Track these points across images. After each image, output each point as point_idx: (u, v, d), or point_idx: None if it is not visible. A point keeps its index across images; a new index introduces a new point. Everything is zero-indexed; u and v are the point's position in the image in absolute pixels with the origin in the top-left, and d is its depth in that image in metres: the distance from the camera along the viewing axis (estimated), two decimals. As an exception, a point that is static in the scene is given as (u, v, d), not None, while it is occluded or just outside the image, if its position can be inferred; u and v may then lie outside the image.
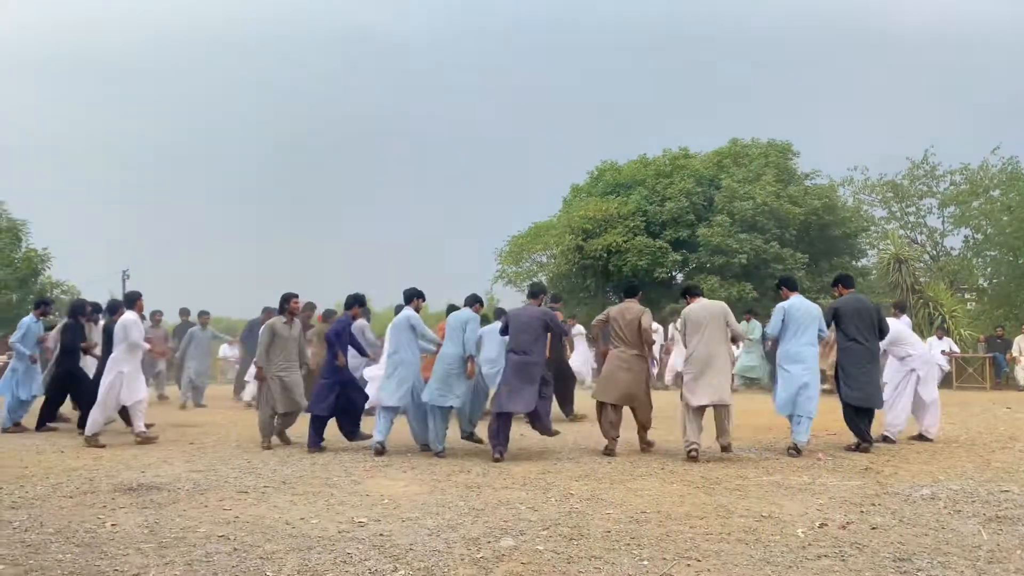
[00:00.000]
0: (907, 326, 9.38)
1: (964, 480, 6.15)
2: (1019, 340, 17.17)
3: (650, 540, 4.40)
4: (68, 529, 4.72)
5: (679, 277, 21.98)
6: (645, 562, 3.99)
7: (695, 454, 7.23)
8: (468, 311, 8.09)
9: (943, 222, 26.00)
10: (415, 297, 8.50)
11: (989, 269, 24.71)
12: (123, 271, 37.74)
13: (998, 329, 18.67)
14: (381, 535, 4.56)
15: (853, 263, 22.20)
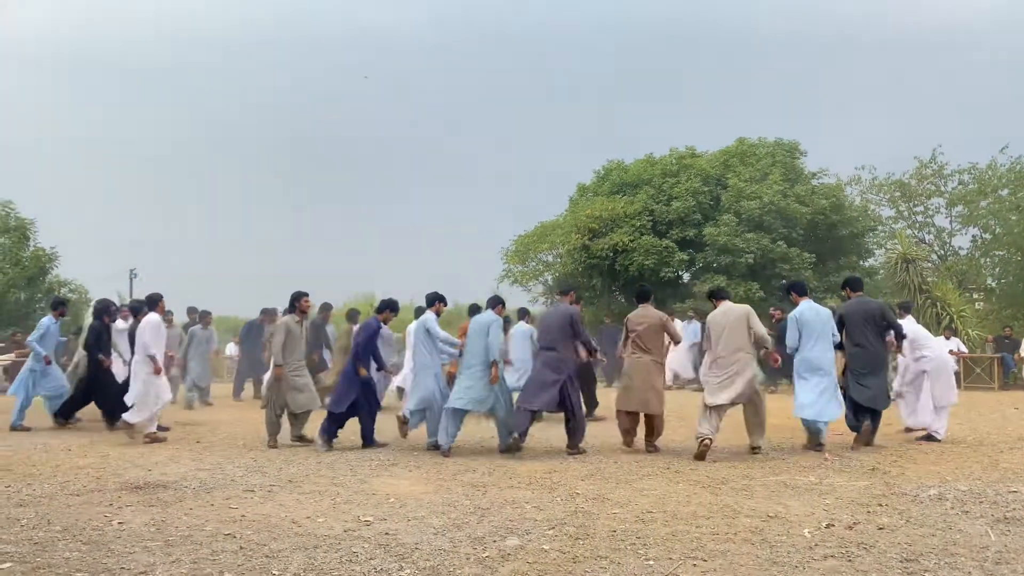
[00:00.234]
0: (908, 324, 9.38)
1: (972, 481, 6.13)
2: (1028, 340, 17.12)
3: (656, 540, 4.39)
4: (75, 527, 4.74)
5: (685, 277, 21.95)
6: (651, 562, 3.98)
7: (707, 445, 7.21)
8: (491, 314, 8.06)
9: (951, 221, 25.88)
10: (436, 301, 8.55)
11: (997, 269, 24.58)
12: (131, 270, 37.90)
13: (1006, 329, 18.59)
14: (387, 534, 4.56)
15: (860, 263, 22.12)
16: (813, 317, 7.89)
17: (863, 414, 7.89)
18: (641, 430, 7.93)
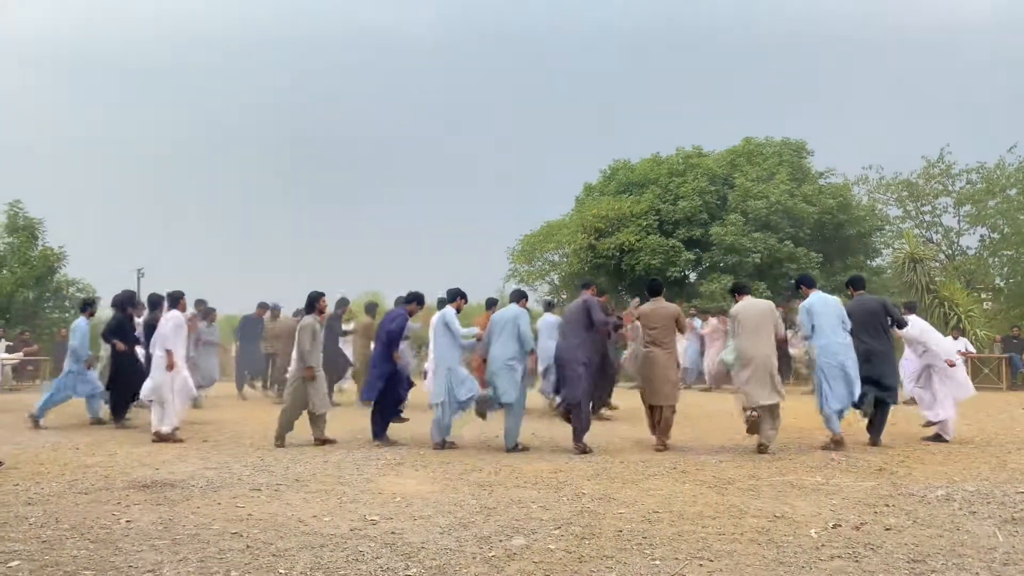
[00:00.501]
0: (913, 323, 9.41)
1: (979, 481, 6.10)
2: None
3: (662, 540, 4.39)
4: (83, 525, 4.76)
5: (692, 276, 21.91)
6: (657, 562, 3.98)
7: (755, 416, 7.58)
8: (515, 307, 8.28)
9: (959, 221, 25.76)
10: (457, 297, 8.67)
11: (1006, 268, 24.46)
12: (138, 269, 38.05)
13: (1014, 329, 18.49)
14: (393, 533, 4.57)
15: (868, 262, 22.04)
16: (823, 307, 8.03)
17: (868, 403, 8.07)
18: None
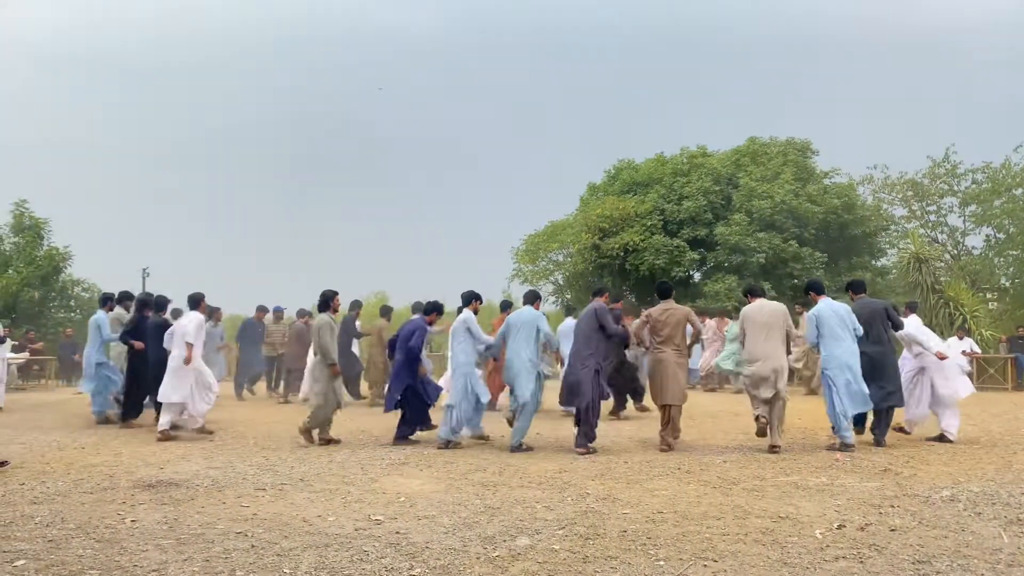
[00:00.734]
0: (911, 324, 9.42)
1: (985, 482, 6.09)
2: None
3: (666, 540, 4.38)
4: (88, 525, 4.77)
5: (696, 276, 21.90)
6: (661, 562, 3.97)
7: (764, 421, 7.75)
8: (532, 310, 8.36)
9: (964, 221, 25.70)
10: (473, 299, 8.76)
11: (1011, 269, 24.39)
12: (143, 269, 38.16)
13: (1020, 329, 18.44)
14: (397, 533, 4.57)
15: (873, 262, 22.01)
16: (830, 315, 8.04)
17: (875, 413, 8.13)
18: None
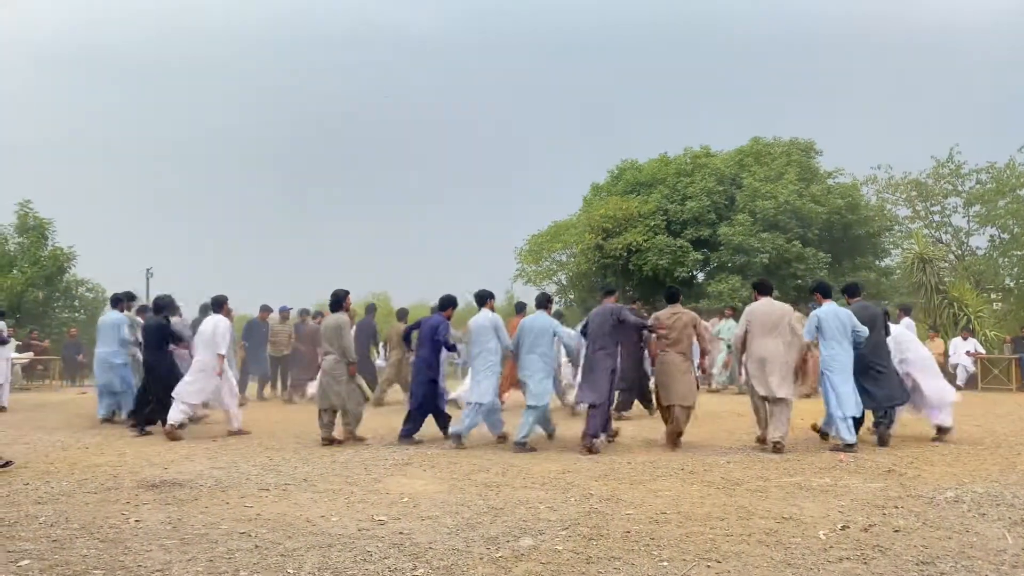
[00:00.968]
0: (910, 328, 9.48)
1: (989, 483, 6.07)
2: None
3: (670, 541, 4.38)
4: (92, 525, 4.78)
5: (700, 276, 21.89)
6: (665, 563, 3.97)
7: (762, 442, 7.98)
8: (544, 315, 8.48)
9: (968, 221, 25.66)
10: (490, 298, 8.86)
11: (1016, 269, 24.35)
12: (147, 269, 38.24)
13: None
14: (401, 533, 4.57)
15: (876, 263, 21.98)
16: (832, 319, 8.11)
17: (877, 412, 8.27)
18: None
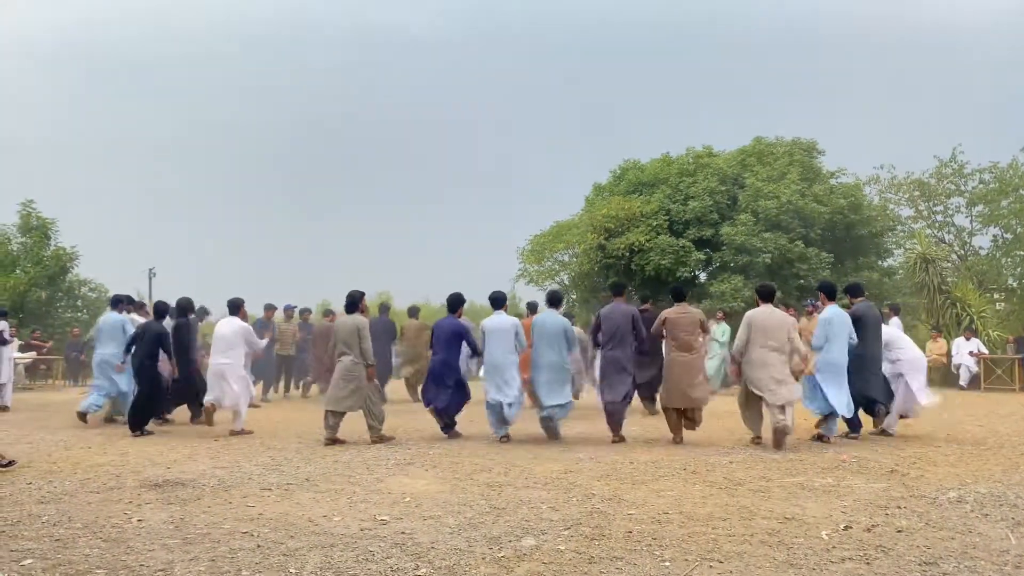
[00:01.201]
0: (898, 327, 9.59)
1: (992, 483, 6.07)
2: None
3: (672, 541, 4.38)
4: (95, 524, 4.79)
5: (702, 276, 21.86)
6: (667, 563, 3.97)
7: (759, 440, 8.13)
8: (556, 315, 8.81)
9: (971, 221, 25.58)
10: (505, 300, 9.13)
11: (1019, 269, 24.28)
12: (149, 269, 38.28)
13: (1027, 330, 18.40)
14: (403, 533, 4.58)
15: (879, 263, 21.93)
16: (839, 321, 8.33)
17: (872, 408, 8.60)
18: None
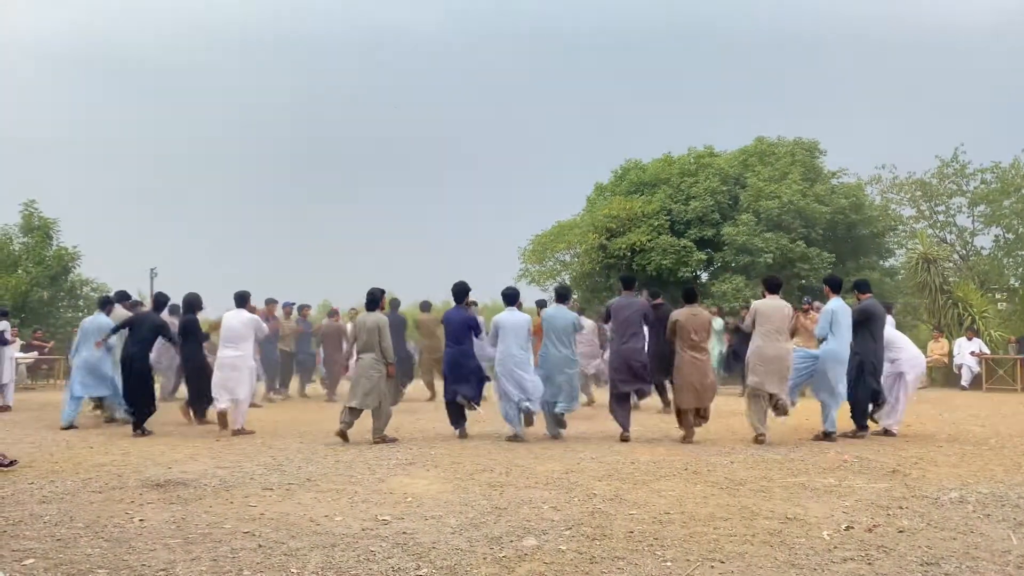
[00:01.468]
0: (891, 326, 9.68)
1: (994, 484, 6.06)
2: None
3: (673, 541, 4.38)
4: (97, 524, 4.79)
5: (704, 276, 21.85)
6: (668, 563, 3.97)
7: (764, 439, 8.16)
8: (565, 310, 8.85)
9: (973, 221, 25.52)
10: (518, 296, 9.30)
11: (1021, 269, 24.25)
12: (151, 269, 38.27)
13: (1029, 330, 18.37)
14: (404, 533, 4.58)
15: (881, 263, 21.92)
16: (844, 314, 8.53)
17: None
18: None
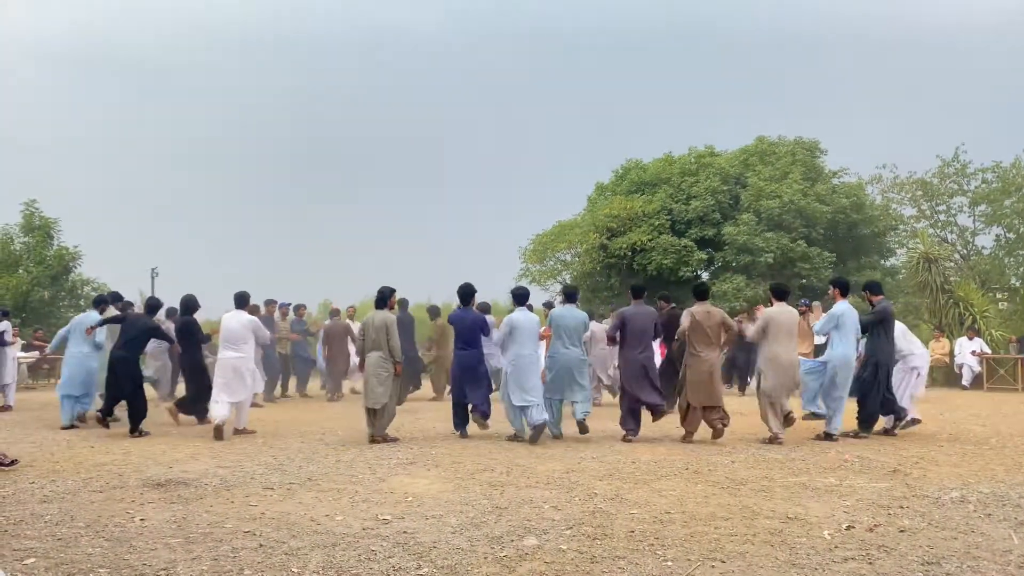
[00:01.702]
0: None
1: (995, 483, 6.06)
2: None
3: (674, 541, 4.38)
4: (98, 523, 4.79)
5: (704, 276, 21.86)
6: (669, 563, 3.97)
7: (782, 440, 8.23)
8: (575, 309, 8.94)
9: (974, 221, 25.54)
10: (529, 296, 9.31)
11: (1022, 268, 24.26)
12: (152, 269, 38.31)
13: (1030, 329, 18.36)
14: (405, 532, 4.58)
15: (882, 262, 21.93)
16: (850, 317, 8.59)
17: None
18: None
